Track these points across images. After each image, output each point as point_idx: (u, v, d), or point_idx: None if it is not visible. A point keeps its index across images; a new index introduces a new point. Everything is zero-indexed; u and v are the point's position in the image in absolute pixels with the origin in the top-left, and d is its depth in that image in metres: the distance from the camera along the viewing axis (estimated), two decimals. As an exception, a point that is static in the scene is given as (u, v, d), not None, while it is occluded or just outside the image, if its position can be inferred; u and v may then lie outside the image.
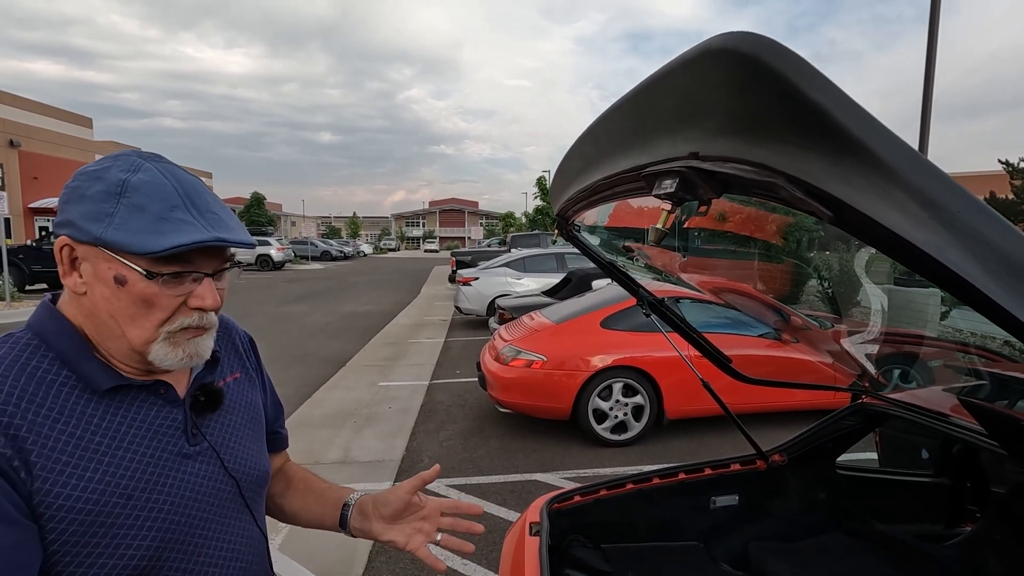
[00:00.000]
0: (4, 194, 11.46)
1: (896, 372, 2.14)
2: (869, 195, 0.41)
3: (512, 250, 14.88)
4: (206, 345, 0.74)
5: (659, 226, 0.61)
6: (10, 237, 15.96)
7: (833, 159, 0.42)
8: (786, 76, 0.41)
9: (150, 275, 0.66)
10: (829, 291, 1.84)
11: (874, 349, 1.88)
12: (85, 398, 0.68)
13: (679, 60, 0.49)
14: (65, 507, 0.63)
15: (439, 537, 0.92)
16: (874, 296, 1.83)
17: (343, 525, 0.95)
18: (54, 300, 0.74)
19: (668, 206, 0.59)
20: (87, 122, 27.32)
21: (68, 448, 0.64)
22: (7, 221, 12.61)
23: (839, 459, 2.02)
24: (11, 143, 20.90)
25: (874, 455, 2.42)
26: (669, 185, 0.57)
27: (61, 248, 0.68)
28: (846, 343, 1.87)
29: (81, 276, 0.68)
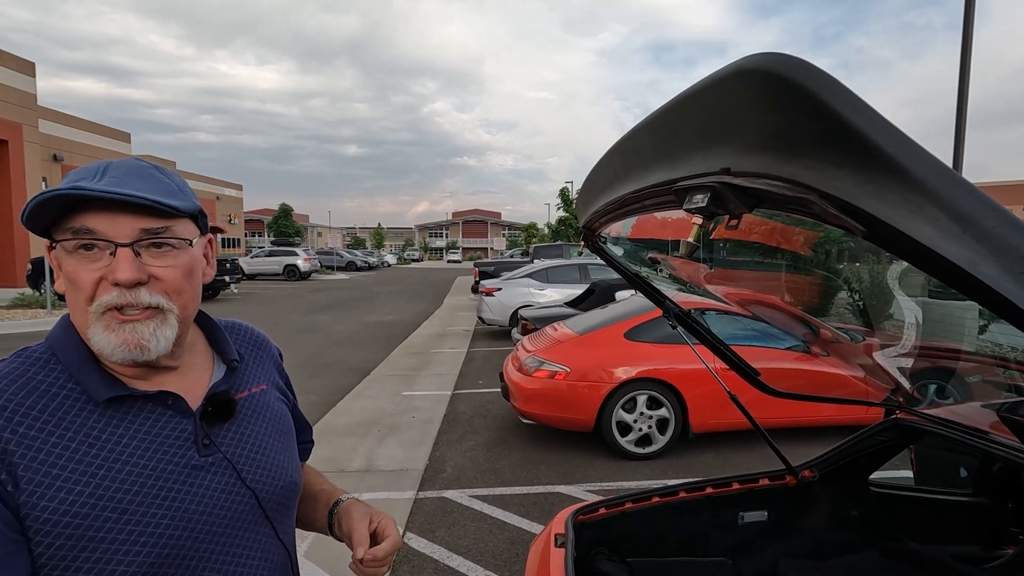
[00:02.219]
0: (47, 206, 11.95)
1: (932, 387, 2.08)
2: (902, 211, 0.42)
3: (535, 261, 14.90)
4: (148, 333, 0.68)
5: (690, 240, 0.62)
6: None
7: (866, 176, 0.42)
8: (819, 95, 0.42)
9: (53, 244, 0.66)
10: (860, 303, 1.81)
11: (908, 363, 1.84)
12: (87, 410, 0.67)
13: (711, 79, 0.51)
14: (52, 520, 0.62)
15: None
16: (908, 309, 1.79)
17: (329, 524, 0.94)
18: None
19: (699, 220, 0.61)
20: (125, 137, 28.38)
21: (60, 462, 0.64)
22: (49, 232, 13.15)
23: (872, 476, 1.97)
24: (54, 158, 21.81)
25: (908, 473, 2.35)
26: (700, 200, 0.58)
27: (47, 251, 0.71)
28: (879, 357, 1.84)
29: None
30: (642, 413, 4.50)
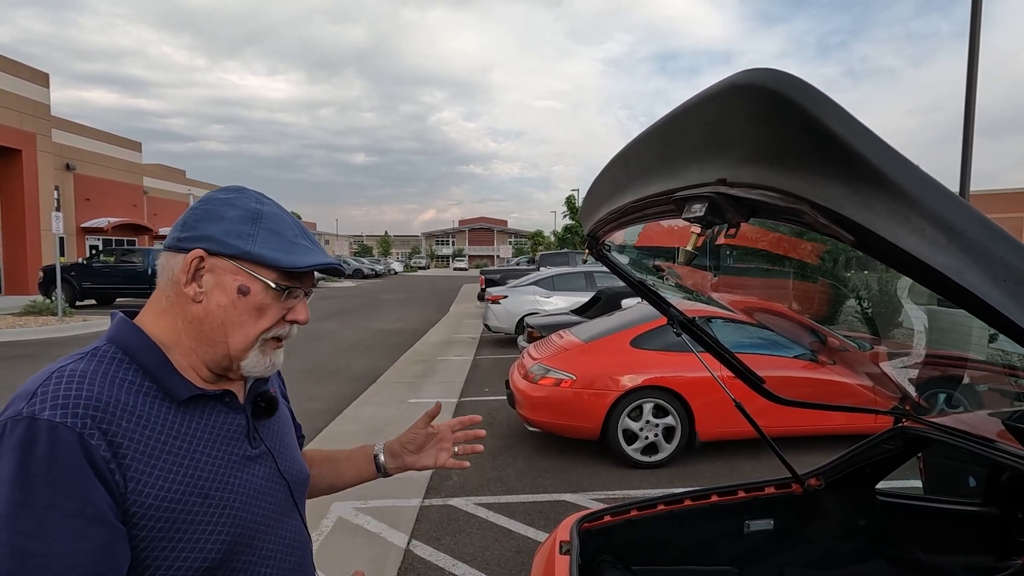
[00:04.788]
0: (60, 214, 12.12)
1: (940, 396, 2.07)
2: (889, 221, 0.43)
3: (541, 268, 14.91)
4: (281, 357, 0.84)
5: (688, 248, 0.63)
6: (63, 255, 16.81)
7: (855, 187, 0.44)
8: (808, 110, 0.43)
9: (279, 288, 0.77)
10: (867, 312, 1.81)
11: (916, 371, 1.83)
12: (167, 406, 0.74)
13: (706, 93, 0.53)
14: (153, 507, 0.68)
15: (457, 449, 1.13)
16: (915, 317, 1.79)
17: (380, 470, 1.12)
18: (129, 315, 0.80)
19: (698, 229, 0.62)
20: (136, 146, 28.70)
21: (155, 452, 0.70)
22: (61, 240, 13.32)
23: (879, 485, 1.95)
24: (67, 166, 22.11)
25: (917, 482, 2.34)
26: (698, 209, 0.60)
27: (193, 259, 0.75)
28: (886, 365, 1.83)
29: (200, 286, 0.76)
30: (648, 421, 4.49)
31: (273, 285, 0.77)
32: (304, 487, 0.94)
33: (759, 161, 0.50)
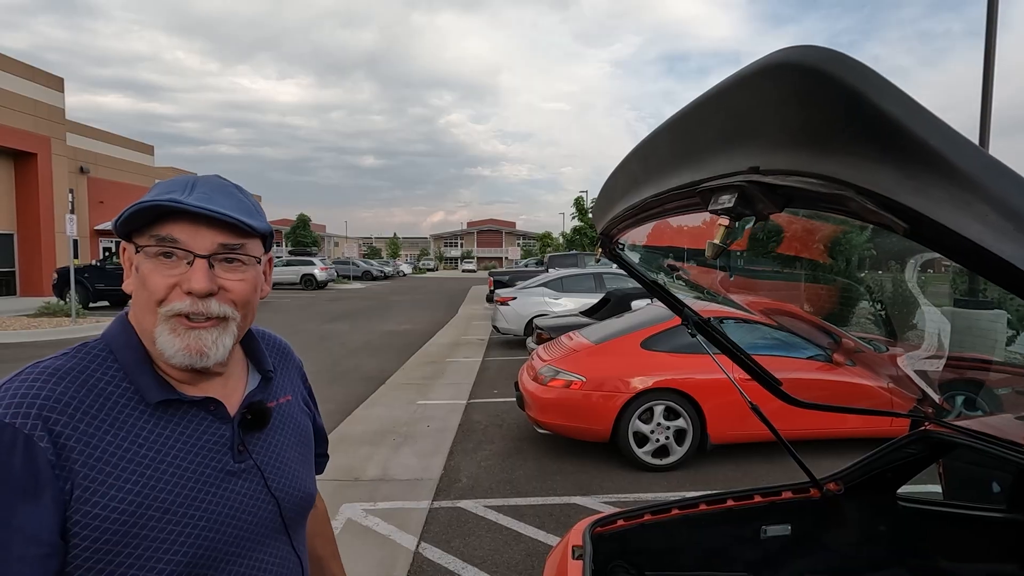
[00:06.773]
0: (74, 217, 12.26)
1: (961, 398, 2.02)
2: (948, 207, 0.39)
3: (550, 270, 14.88)
4: (211, 341, 0.71)
5: (716, 241, 0.60)
6: (77, 257, 17.01)
7: (908, 171, 0.41)
8: (855, 87, 0.40)
9: (137, 249, 0.70)
10: (883, 313, 1.77)
11: (936, 374, 1.79)
12: (139, 410, 0.69)
13: (737, 76, 0.50)
14: (101, 516, 0.63)
15: None
16: (933, 318, 1.74)
17: None
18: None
19: (726, 221, 0.59)
20: (149, 149, 29.03)
21: (112, 460, 0.66)
22: (75, 242, 13.47)
23: (900, 490, 1.90)
24: (81, 170, 22.37)
25: (937, 487, 2.28)
26: (727, 200, 0.57)
27: (122, 251, 0.75)
28: (905, 367, 1.79)
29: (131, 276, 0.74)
30: (659, 424, 4.44)
31: (135, 247, 0.70)
32: (301, 509, 0.85)
33: (797, 145, 0.47)
